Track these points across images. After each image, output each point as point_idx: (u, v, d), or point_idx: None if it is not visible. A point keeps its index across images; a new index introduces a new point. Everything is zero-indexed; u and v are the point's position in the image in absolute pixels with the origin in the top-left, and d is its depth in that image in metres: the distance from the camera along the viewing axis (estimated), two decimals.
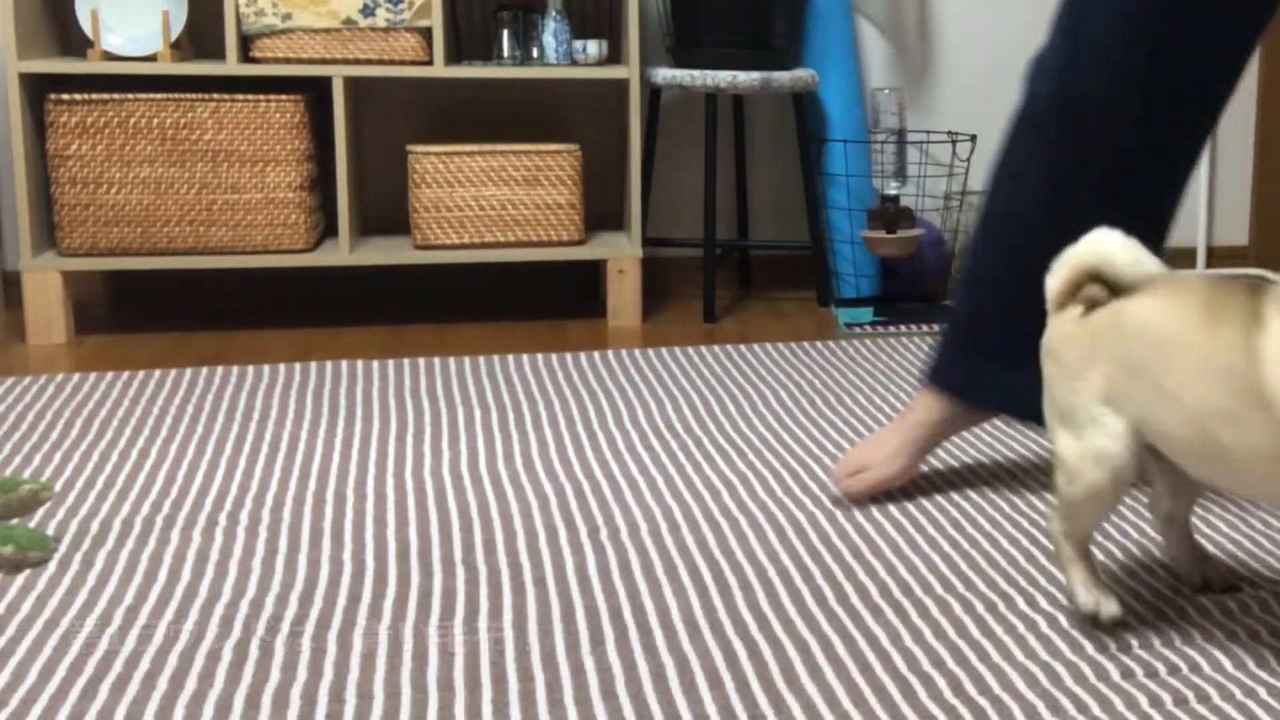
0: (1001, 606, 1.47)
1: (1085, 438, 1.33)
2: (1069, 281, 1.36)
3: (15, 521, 1.66)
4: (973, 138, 3.11)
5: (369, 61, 2.74)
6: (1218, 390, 1.22)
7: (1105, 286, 1.34)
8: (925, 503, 1.79)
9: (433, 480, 1.87)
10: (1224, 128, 3.46)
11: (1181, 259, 3.43)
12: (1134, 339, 1.29)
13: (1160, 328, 1.27)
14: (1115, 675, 1.31)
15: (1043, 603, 1.48)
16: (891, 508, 1.77)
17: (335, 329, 2.81)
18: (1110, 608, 1.39)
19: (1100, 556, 1.60)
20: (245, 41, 2.71)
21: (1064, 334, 1.37)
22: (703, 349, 2.62)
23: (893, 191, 2.95)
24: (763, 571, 1.56)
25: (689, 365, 2.51)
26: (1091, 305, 1.35)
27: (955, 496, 1.82)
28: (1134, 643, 1.38)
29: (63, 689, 1.28)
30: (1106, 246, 1.33)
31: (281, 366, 2.45)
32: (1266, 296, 1.21)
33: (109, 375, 2.38)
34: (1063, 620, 1.44)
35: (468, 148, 2.79)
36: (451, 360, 2.51)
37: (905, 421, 1.82)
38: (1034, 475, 1.89)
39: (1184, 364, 1.24)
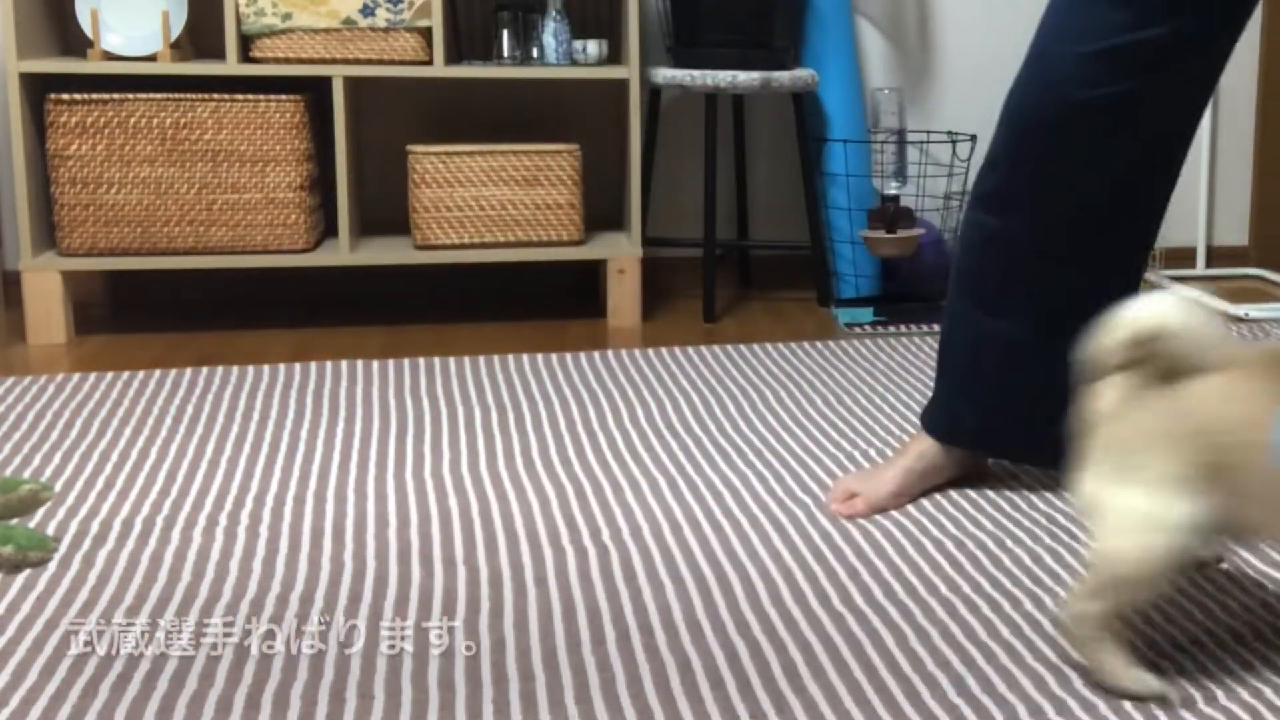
0: (1007, 607, 1.47)
1: (1154, 507, 1.22)
2: (1125, 346, 1.23)
3: (15, 521, 1.66)
4: (972, 138, 3.11)
5: (369, 61, 2.73)
6: None
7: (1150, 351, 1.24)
8: (928, 504, 1.79)
9: (433, 480, 1.86)
10: (1224, 127, 3.46)
11: (1181, 259, 3.43)
12: (1214, 431, 1.21)
13: (1239, 420, 1.20)
14: None
15: (1049, 604, 1.48)
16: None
17: (335, 329, 2.81)
18: (1162, 684, 1.28)
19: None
20: (245, 41, 2.71)
21: (1120, 406, 1.25)
22: (703, 349, 2.62)
23: (893, 191, 2.95)
24: (765, 571, 1.56)
25: (689, 365, 2.50)
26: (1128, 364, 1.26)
27: (959, 497, 1.81)
28: (1138, 644, 1.38)
29: (63, 689, 1.28)
30: (1168, 314, 1.23)
31: (281, 366, 2.45)
32: None
33: (109, 375, 2.37)
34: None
35: (468, 148, 2.79)
36: (451, 360, 2.51)
37: (906, 450, 1.84)
38: (1039, 477, 1.89)
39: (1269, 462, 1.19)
